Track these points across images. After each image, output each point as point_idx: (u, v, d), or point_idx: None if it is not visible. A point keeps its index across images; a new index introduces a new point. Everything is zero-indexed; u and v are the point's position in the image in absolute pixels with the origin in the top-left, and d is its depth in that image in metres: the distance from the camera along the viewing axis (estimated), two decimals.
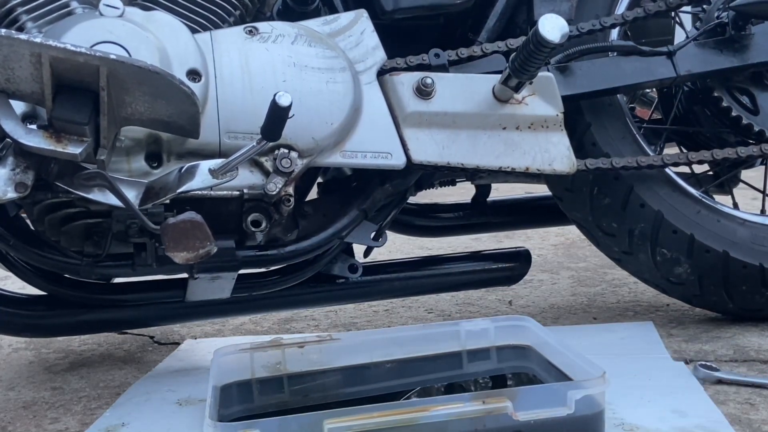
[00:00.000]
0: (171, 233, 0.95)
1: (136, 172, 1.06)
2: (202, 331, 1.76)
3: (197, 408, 1.22)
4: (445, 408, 0.91)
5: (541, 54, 1.14)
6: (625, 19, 1.40)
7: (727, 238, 1.44)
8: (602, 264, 2.14)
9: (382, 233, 1.31)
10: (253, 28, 1.16)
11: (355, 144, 1.18)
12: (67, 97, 0.92)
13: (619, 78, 1.41)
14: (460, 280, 1.55)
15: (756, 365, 1.29)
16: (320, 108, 1.15)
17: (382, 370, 1.20)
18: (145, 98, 0.95)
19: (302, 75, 1.15)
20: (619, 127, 1.45)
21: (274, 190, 1.11)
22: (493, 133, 1.25)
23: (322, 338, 1.21)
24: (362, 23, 1.25)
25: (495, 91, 1.25)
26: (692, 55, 1.44)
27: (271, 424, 0.90)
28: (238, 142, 1.09)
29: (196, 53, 1.10)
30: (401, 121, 1.22)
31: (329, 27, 1.23)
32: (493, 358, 1.23)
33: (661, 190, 1.44)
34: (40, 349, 1.68)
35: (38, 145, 0.92)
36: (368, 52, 1.23)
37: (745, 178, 1.65)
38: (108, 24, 1.04)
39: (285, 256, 1.22)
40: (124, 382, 1.41)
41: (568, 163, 1.28)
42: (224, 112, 1.10)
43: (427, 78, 1.23)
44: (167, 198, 1.01)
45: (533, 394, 0.93)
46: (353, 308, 1.89)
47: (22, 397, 1.38)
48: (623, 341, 1.44)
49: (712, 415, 1.08)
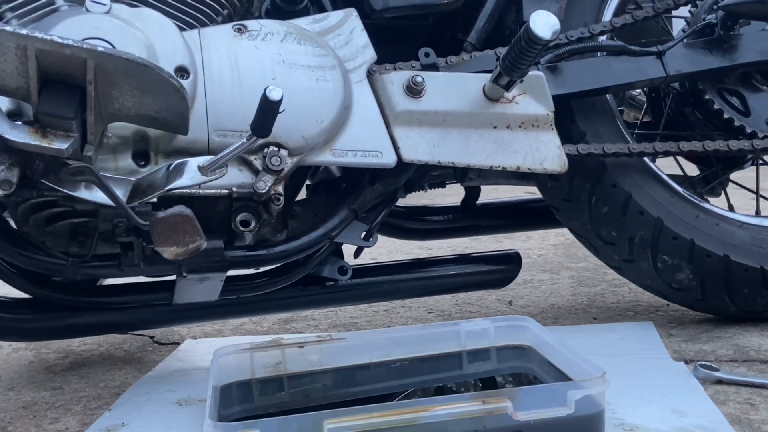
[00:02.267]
0: (160, 227, 0.94)
1: (123, 171, 1.05)
2: (202, 331, 1.76)
3: (197, 408, 1.22)
4: (445, 408, 0.91)
5: (532, 51, 1.14)
6: (614, 25, 1.41)
7: (727, 242, 1.44)
8: (602, 264, 2.12)
9: (373, 233, 1.31)
10: (242, 26, 1.16)
11: (346, 142, 1.18)
12: (53, 92, 0.90)
13: (609, 78, 1.41)
14: (450, 283, 1.55)
15: (756, 365, 1.29)
16: (310, 106, 1.14)
17: (382, 371, 1.20)
18: (132, 92, 0.94)
19: (292, 73, 1.14)
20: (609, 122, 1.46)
21: (264, 189, 1.10)
22: (484, 132, 1.25)
23: (322, 338, 1.21)
24: (351, 22, 1.24)
25: (486, 89, 1.25)
26: (681, 55, 1.45)
27: (271, 424, 0.89)
28: (227, 140, 1.08)
29: (184, 50, 1.09)
30: (391, 119, 1.21)
31: (319, 26, 1.23)
32: (493, 358, 1.23)
33: (659, 196, 1.43)
34: (40, 349, 1.68)
35: (24, 140, 0.90)
36: (358, 50, 1.23)
37: (736, 179, 1.65)
38: (94, 20, 1.03)
39: (275, 257, 1.22)
40: (124, 382, 1.41)
41: (559, 162, 1.28)
42: (213, 110, 1.10)
43: (417, 76, 1.23)
44: (155, 196, 1.00)
45: (533, 394, 0.93)
46: (353, 308, 1.89)
47: (22, 397, 1.38)
48: (623, 341, 1.44)
49: (712, 415, 1.08)
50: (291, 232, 1.24)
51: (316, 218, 1.26)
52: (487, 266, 1.55)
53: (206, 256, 1.12)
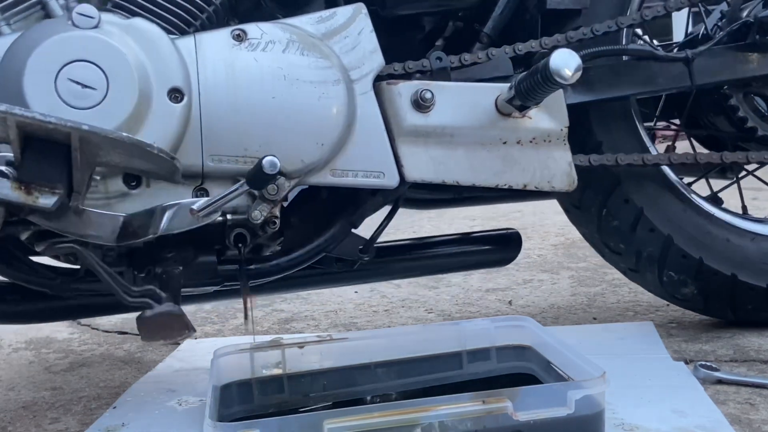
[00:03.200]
0: (148, 326, 0.91)
1: (114, 194, 1.01)
2: (202, 331, 1.76)
3: (197, 408, 1.22)
4: (445, 408, 0.91)
5: (549, 89, 1.08)
6: (644, 18, 1.29)
7: (735, 260, 1.41)
8: (602, 264, 2.13)
9: (371, 246, 1.25)
10: (241, 32, 1.08)
11: (346, 162, 1.11)
12: (37, 153, 0.86)
13: (631, 86, 1.34)
14: (451, 263, 1.50)
15: (756, 365, 1.29)
16: (311, 127, 1.07)
17: (382, 370, 1.20)
18: (121, 156, 0.92)
19: (292, 90, 1.07)
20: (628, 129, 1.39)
21: (259, 219, 1.06)
22: (493, 148, 1.18)
23: (322, 338, 1.21)
24: (360, 21, 1.15)
25: (498, 104, 1.17)
26: (711, 61, 1.35)
27: (271, 424, 0.89)
28: (222, 165, 1.04)
29: (179, 68, 1.02)
30: (397, 135, 1.14)
31: (324, 26, 1.14)
32: (493, 358, 1.23)
33: (672, 211, 1.39)
34: (40, 349, 1.68)
35: (6, 197, 0.86)
36: (365, 56, 1.14)
37: None
38: (81, 40, 0.97)
39: (268, 271, 1.18)
40: (124, 382, 1.41)
41: (568, 181, 1.21)
42: (208, 134, 1.04)
43: (427, 92, 1.15)
44: (145, 239, 0.98)
45: (533, 394, 0.93)
46: (353, 308, 1.89)
47: (22, 397, 1.38)
48: (623, 341, 1.44)
49: (712, 415, 1.08)
50: (286, 243, 1.19)
51: (312, 229, 1.21)
52: (488, 245, 1.49)
53: (199, 272, 1.09)
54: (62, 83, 0.95)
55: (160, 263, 1.07)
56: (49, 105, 0.94)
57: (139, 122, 0.97)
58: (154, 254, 1.07)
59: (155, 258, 1.07)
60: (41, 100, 0.94)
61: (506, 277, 2.11)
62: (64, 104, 0.94)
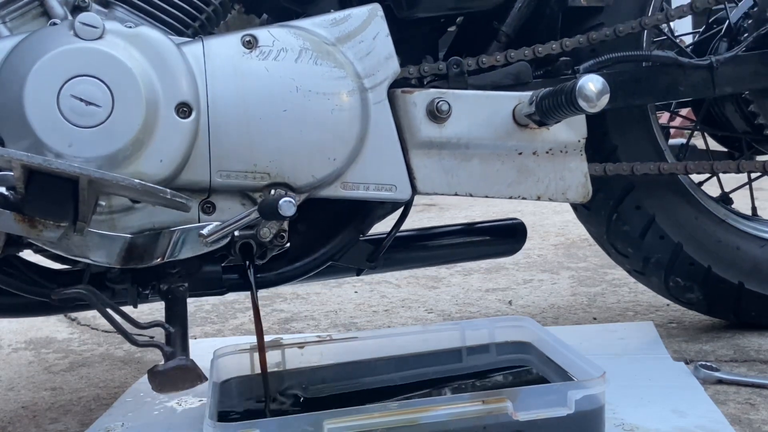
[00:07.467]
0: (159, 379, 0.90)
1: (118, 209, 0.98)
2: (202, 331, 1.76)
3: (197, 408, 1.22)
4: (445, 408, 0.91)
5: (572, 112, 1.05)
6: (669, 18, 1.25)
7: (744, 268, 1.40)
8: (602, 264, 2.14)
9: (378, 255, 1.23)
10: (252, 38, 1.03)
11: (358, 175, 1.07)
12: (41, 188, 0.83)
13: (652, 93, 1.30)
14: (455, 254, 1.46)
15: (756, 365, 1.29)
16: (323, 142, 1.03)
17: (381, 363, 1.21)
18: (131, 194, 0.90)
19: (305, 102, 1.03)
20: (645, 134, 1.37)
21: (269, 236, 1.03)
22: (507, 159, 1.14)
23: (322, 338, 1.21)
24: (375, 25, 1.10)
25: (516, 115, 1.13)
26: (734, 69, 1.31)
27: (271, 424, 0.90)
28: (230, 181, 1.01)
29: (187, 81, 0.97)
30: (410, 147, 1.10)
31: (338, 29, 1.08)
32: (492, 352, 1.23)
33: (683, 218, 1.38)
34: (40, 349, 1.68)
35: (9, 230, 0.84)
36: (380, 63, 1.09)
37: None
38: (86, 53, 0.92)
39: (274, 281, 1.16)
40: (124, 382, 1.41)
41: (583, 192, 1.17)
42: (216, 149, 1.00)
43: (444, 103, 1.10)
44: (152, 265, 0.96)
45: (533, 394, 0.93)
46: (353, 308, 1.89)
47: (21, 397, 1.38)
48: (623, 341, 1.44)
49: (712, 415, 1.08)
50: (293, 250, 1.17)
51: (319, 236, 1.18)
52: (493, 236, 1.45)
53: (204, 282, 1.08)
54: (65, 100, 0.90)
55: (164, 279, 1.05)
56: (51, 123, 0.89)
57: (144, 140, 0.93)
58: (158, 270, 1.05)
59: (159, 274, 1.05)
60: (43, 118, 0.89)
61: (506, 277, 2.11)
62: (67, 122, 0.90)
